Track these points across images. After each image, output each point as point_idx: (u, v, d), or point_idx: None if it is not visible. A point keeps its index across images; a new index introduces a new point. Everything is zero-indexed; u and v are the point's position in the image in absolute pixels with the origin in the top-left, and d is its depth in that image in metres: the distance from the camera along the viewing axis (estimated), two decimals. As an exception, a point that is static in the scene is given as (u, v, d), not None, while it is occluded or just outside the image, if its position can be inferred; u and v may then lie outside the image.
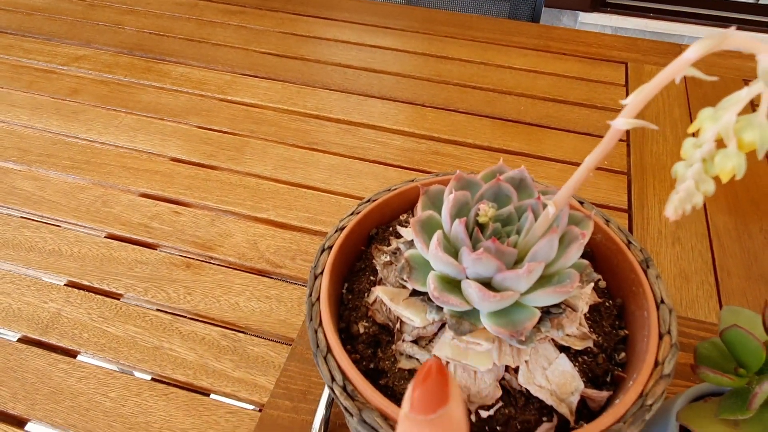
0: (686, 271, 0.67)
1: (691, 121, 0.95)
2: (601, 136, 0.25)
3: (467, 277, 0.29)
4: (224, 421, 0.53)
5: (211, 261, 0.68)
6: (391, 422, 0.29)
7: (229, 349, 0.58)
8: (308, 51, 1.08)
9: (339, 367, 0.31)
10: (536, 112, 0.92)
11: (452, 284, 0.30)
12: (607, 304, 0.37)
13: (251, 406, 0.55)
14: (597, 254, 0.40)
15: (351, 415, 0.30)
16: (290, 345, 0.59)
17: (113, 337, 0.60)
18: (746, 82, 1.01)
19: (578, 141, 0.86)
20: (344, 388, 0.31)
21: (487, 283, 0.29)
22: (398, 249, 0.36)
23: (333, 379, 0.31)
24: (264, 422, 0.50)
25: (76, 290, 0.65)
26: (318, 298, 0.35)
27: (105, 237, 0.71)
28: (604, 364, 0.34)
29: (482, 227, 0.30)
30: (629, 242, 0.38)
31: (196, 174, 0.80)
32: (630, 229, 0.71)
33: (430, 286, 0.29)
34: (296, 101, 0.94)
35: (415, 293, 0.33)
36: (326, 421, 0.49)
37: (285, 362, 0.54)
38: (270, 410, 0.51)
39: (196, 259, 0.68)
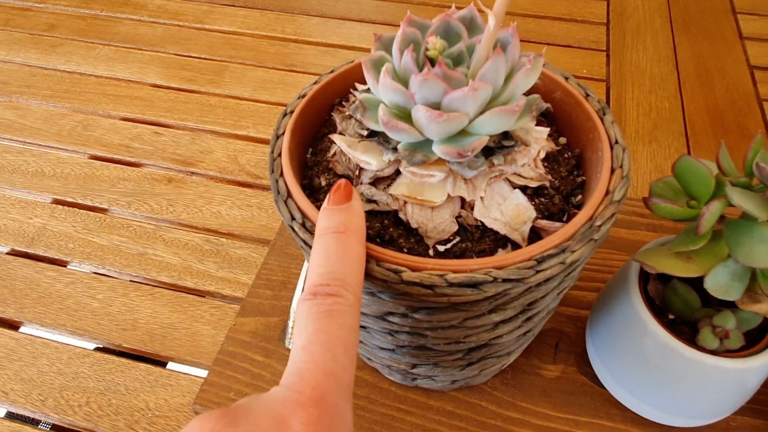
0: (662, 166, 0.67)
1: (672, 32, 0.94)
2: (582, 48, 0.25)
3: (416, 104, 0.29)
4: (209, 315, 0.54)
5: (193, 175, 0.69)
6: (348, 250, 0.30)
7: (212, 252, 0.60)
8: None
9: (298, 207, 0.32)
10: (518, 28, 0.91)
11: (402, 113, 0.31)
12: (566, 155, 0.38)
13: (234, 303, 0.57)
14: (558, 113, 0.40)
15: (309, 247, 0.31)
16: (272, 246, 0.60)
17: (98, 246, 0.61)
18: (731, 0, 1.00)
19: (559, 53, 0.85)
20: (303, 224, 0.32)
21: (436, 109, 0.29)
22: (355, 102, 0.36)
23: (293, 218, 0.32)
24: (246, 308, 0.52)
25: (60, 206, 0.66)
26: (279, 154, 0.36)
27: (87, 158, 0.72)
28: (560, 203, 0.35)
29: (432, 62, 0.31)
30: (587, 95, 0.39)
31: (175, 98, 0.80)
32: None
33: (381, 115, 0.30)
34: (275, 27, 0.94)
35: (370, 135, 0.33)
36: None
37: (265, 257, 0.55)
38: (251, 299, 0.52)
39: (178, 174, 0.69)
